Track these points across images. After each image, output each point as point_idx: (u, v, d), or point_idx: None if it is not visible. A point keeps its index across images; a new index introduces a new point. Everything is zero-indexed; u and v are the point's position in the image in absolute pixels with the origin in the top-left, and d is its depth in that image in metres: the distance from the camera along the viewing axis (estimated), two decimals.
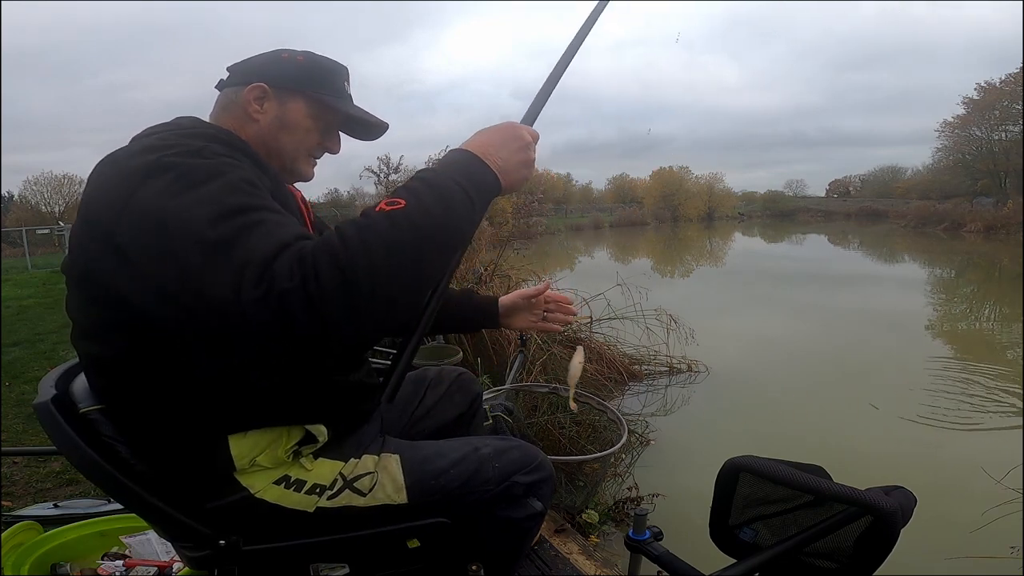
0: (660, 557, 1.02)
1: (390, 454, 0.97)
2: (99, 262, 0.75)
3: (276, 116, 0.96)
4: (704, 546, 1.03)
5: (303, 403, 0.88)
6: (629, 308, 4.50)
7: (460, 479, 0.96)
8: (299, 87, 0.97)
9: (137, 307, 0.73)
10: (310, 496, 0.89)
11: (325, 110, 0.99)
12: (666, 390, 4.30)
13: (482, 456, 0.98)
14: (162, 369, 0.80)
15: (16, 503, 2.10)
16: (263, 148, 0.95)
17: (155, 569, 1.47)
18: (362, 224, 0.66)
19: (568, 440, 2.52)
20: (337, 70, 1.01)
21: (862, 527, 0.85)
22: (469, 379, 1.35)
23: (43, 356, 4.57)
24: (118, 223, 0.71)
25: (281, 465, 0.89)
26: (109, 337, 0.81)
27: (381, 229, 0.66)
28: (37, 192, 37.50)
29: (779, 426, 3.68)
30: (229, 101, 0.97)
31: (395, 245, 0.65)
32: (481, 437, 1.06)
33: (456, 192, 0.73)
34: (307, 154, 1.00)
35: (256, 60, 0.99)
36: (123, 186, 0.72)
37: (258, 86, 0.95)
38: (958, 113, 37.13)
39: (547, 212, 30.26)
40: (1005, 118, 34.81)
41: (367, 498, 0.92)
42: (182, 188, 0.69)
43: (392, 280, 0.65)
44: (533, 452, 1.04)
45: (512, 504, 0.99)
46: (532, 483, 1.00)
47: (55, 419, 0.85)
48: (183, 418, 0.83)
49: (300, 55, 0.99)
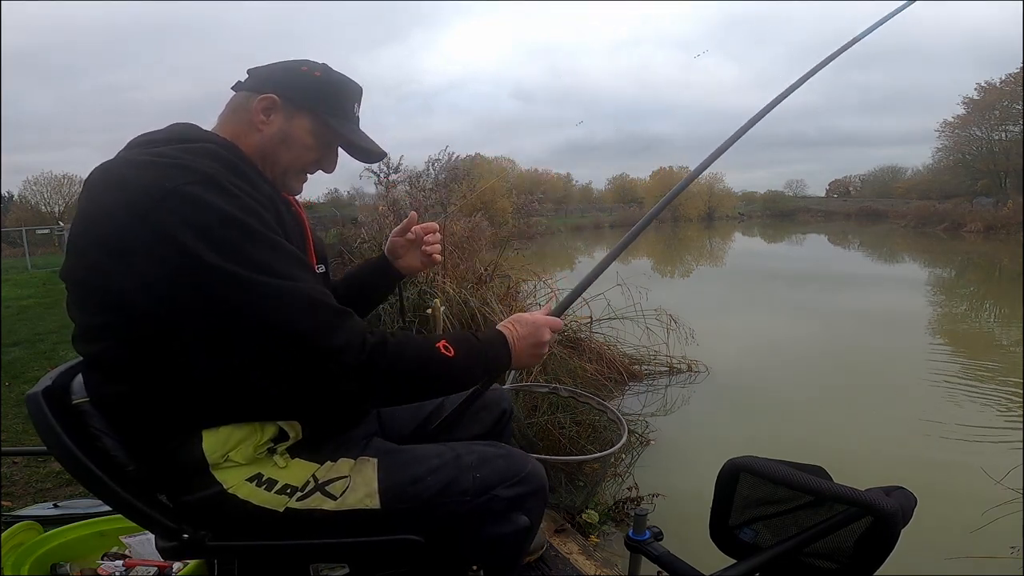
0: (660, 557, 1.02)
1: (368, 458, 0.95)
2: (99, 274, 0.80)
3: (280, 130, 0.96)
4: (704, 546, 1.02)
5: (280, 400, 0.89)
6: (629, 308, 4.49)
7: (436, 487, 0.92)
8: (309, 105, 0.97)
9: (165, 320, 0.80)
10: (280, 496, 0.89)
11: (329, 132, 0.99)
12: (666, 390, 4.29)
13: (463, 464, 0.95)
14: (156, 368, 0.83)
15: (16, 503, 2.09)
16: (261, 158, 0.96)
17: (155, 569, 1.47)
18: (423, 348, 0.89)
19: (568, 440, 2.52)
20: (349, 91, 1.02)
21: (862, 527, 0.85)
22: (498, 395, 1.28)
23: (43, 356, 4.56)
24: (135, 243, 0.77)
25: (255, 462, 0.90)
26: (108, 338, 0.84)
27: (436, 361, 0.89)
28: (37, 192, 37.54)
29: (779, 426, 3.68)
30: (239, 106, 0.98)
31: (432, 376, 0.90)
32: (469, 443, 1.03)
33: (480, 363, 0.95)
34: (301, 170, 1.01)
35: (274, 68, 0.99)
36: (137, 207, 0.77)
37: (268, 97, 0.95)
38: (958, 113, 37.18)
39: (547, 212, 30.24)
40: (1005, 118, 34.80)
41: (337, 502, 0.90)
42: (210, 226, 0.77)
43: (412, 389, 0.91)
44: (521, 462, 0.98)
45: (496, 520, 0.95)
46: (516, 497, 0.95)
47: (41, 409, 0.88)
48: (163, 412, 0.85)
49: (318, 69, 0.99)
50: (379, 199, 6.95)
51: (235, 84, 1.00)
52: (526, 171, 44.23)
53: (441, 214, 6.50)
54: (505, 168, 38.26)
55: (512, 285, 4.65)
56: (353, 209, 15.19)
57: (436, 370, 0.89)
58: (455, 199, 7.28)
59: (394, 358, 0.84)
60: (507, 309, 4.05)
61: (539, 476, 0.99)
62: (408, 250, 1.32)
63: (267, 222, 0.82)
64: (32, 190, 37.58)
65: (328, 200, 31.11)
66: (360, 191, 19.82)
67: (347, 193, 29.61)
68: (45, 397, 0.89)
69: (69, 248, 0.84)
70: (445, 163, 6.53)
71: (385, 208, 6.26)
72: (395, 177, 6.74)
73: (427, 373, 0.89)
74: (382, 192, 6.85)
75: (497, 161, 36.08)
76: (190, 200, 0.76)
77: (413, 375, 0.87)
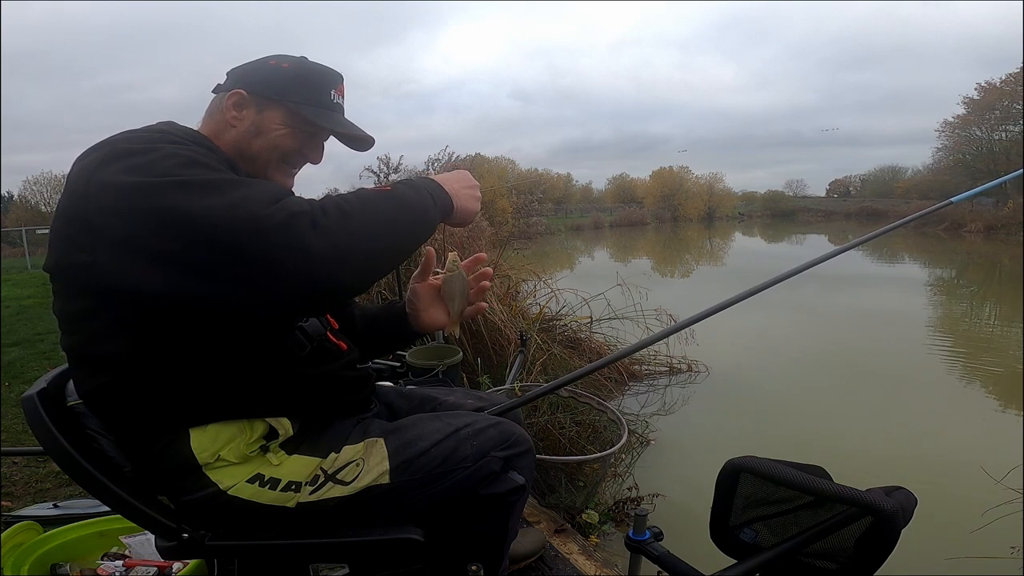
0: (660, 558, 1.02)
1: (375, 439, 0.99)
2: (76, 250, 0.79)
3: (252, 123, 0.97)
4: (704, 547, 1.02)
5: (264, 395, 0.90)
6: (629, 308, 4.49)
7: (439, 458, 0.97)
8: (279, 96, 0.97)
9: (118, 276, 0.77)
10: (286, 493, 0.90)
11: (303, 121, 0.99)
12: (666, 390, 4.29)
13: (460, 436, 1.00)
14: (138, 353, 0.83)
15: (16, 503, 2.10)
16: (238, 155, 0.96)
17: (155, 569, 1.47)
18: (360, 192, 0.85)
19: (568, 440, 2.52)
20: (324, 79, 1.01)
21: (863, 528, 0.85)
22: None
23: (43, 356, 4.57)
24: (86, 205, 0.76)
25: (249, 461, 0.90)
26: (87, 324, 0.84)
27: (373, 196, 0.84)
28: (37, 192, 37.60)
29: (779, 426, 3.68)
30: (215, 107, 0.99)
31: (381, 210, 0.83)
32: (463, 415, 1.07)
33: (424, 194, 0.92)
34: (281, 161, 1.00)
35: (245, 66, 1.00)
36: (81, 176, 0.78)
37: (236, 93, 0.96)
38: (958, 113, 37.16)
39: (547, 212, 30.24)
40: (1005, 118, 34.77)
41: (350, 486, 0.93)
42: (143, 164, 0.76)
43: (374, 231, 0.81)
44: (510, 428, 1.05)
45: (493, 480, 1.01)
46: (509, 457, 1.02)
47: (36, 411, 0.88)
48: (149, 407, 0.86)
49: (287, 62, 0.99)
50: None
51: (215, 87, 1.01)
52: (526, 171, 44.23)
53: None
54: (505, 168, 38.28)
55: (512, 285, 4.65)
56: None
57: (381, 203, 0.84)
58: None
59: (337, 201, 0.79)
60: (507, 309, 4.05)
61: (527, 439, 1.07)
62: (432, 301, 1.14)
63: (214, 163, 0.81)
64: (32, 190, 37.70)
65: None
66: None
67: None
68: (41, 399, 0.89)
69: (50, 241, 0.85)
70: (445, 163, 6.51)
71: None
72: (395, 176, 6.71)
73: (376, 206, 0.83)
74: None
75: (497, 161, 36.10)
76: (129, 152, 0.78)
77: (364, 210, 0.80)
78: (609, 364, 3.08)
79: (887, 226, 1.74)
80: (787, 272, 1.53)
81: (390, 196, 0.86)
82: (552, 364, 3.44)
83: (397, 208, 0.85)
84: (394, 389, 1.30)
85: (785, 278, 1.53)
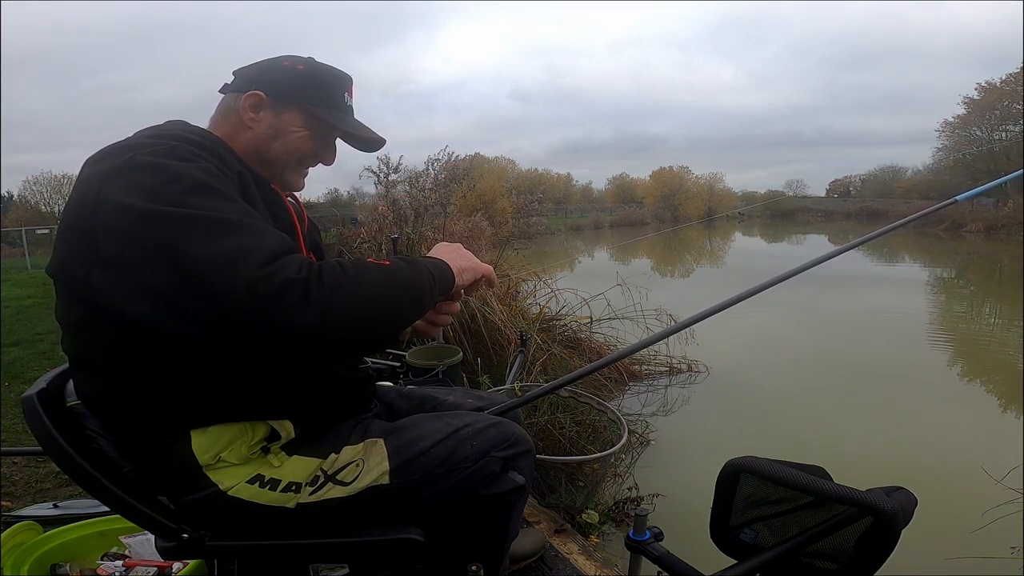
0: (660, 558, 1.02)
1: (375, 439, 0.99)
2: (76, 261, 0.78)
3: (271, 125, 0.96)
4: (705, 547, 1.02)
5: (266, 398, 0.90)
6: (629, 308, 4.49)
7: (439, 459, 0.98)
8: (296, 98, 0.97)
9: (116, 303, 0.76)
10: (286, 494, 0.91)
11: (321, 123, 0.99)
12: (666, 390, 4.29)
13: (460, 436, 1.00)
14: (135, 362, 0.83)
15: (16, 503, 2.09)
16: (255, 156, 0.96)
17: (155, 569, 1.47)
18: (358, 262, 0.82)
19: (568, 440, 2.52)
20: (338, 81, 1.01)
21: (863, 528, 0.85)
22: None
23: (43, 356, 4.56)
24: (93, 220, 0.75)
25: (250, 462, 0.90)
26: (87, 333, 0.84)
27: (371, 272, 0.81)
28: (37, 192, 37.61)
29: (779, 426, 3.68)
30: (227, 107, 0.98)
31: (374, 288, 0.80)
32: (463, 415, 1.07)
33: (423, 273, 0.89)
34: (298, 164, 1.01)
35: (258, 66, 0.99)
36: (93, 186, 0.76)
37: (255, 94, 0.96)
38: (958, 113, 37.16)
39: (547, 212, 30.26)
40: (1005, 118, 34.77)
41: (350, 487, 0.93)
42: (161, 184, 0.74)
43: (361, 314, 0.78)
44: (510, 428, 1.05)
45: (493, 480, 1.01)
46: (509, 457, 1.02)
47: (36, 411, 0.88)
48: (148, 411, 0.85)
49: (301, 63, 0.99)
50: (379, 199, 6.94)
51: (222, 87, 1.00)
52: (526, 171, 44.22)
53: (441, 214, 6.50)
54: (505, 168, 38.27)
55: (512, 285, 4.65)
56: (353, 209, 15.19)
57: (379, 276, 0.82)
58: (455, 199, 7.26)
59: (335, 270, 0.77)
60: (507, 309, 4.05)
61: (527, 439, 1.07)
62: None
63: (224, 186, 0.80)
64: (32, 190, 37.69)
65: (328, 200, 31.15)
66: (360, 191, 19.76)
67: (347, 193, 29.56)
68: (40, 399, 0.89)
69: (55, 244, 0.84)
70: (445, 163, 6.52)
71: (385, 208, 6.25)
72: (395, 177, 6.71)
73: (372, 281, 0.80)
74: (382, 192, 6.82)
75: (497, 161, 36.11)
76: (142, 167, 0.76)
77: (358, 285, 0.78)
78: (609, 364, 3.08)
79: (887, 226, 1.73)
80: (787, 272, 1.54)
81: (388, 274, 0.83)
82: (552, 364, 3.45)
83: (391, 287, 0.83)
84: (394, 389, 1.30)
85: (785, 278, 1.53)
